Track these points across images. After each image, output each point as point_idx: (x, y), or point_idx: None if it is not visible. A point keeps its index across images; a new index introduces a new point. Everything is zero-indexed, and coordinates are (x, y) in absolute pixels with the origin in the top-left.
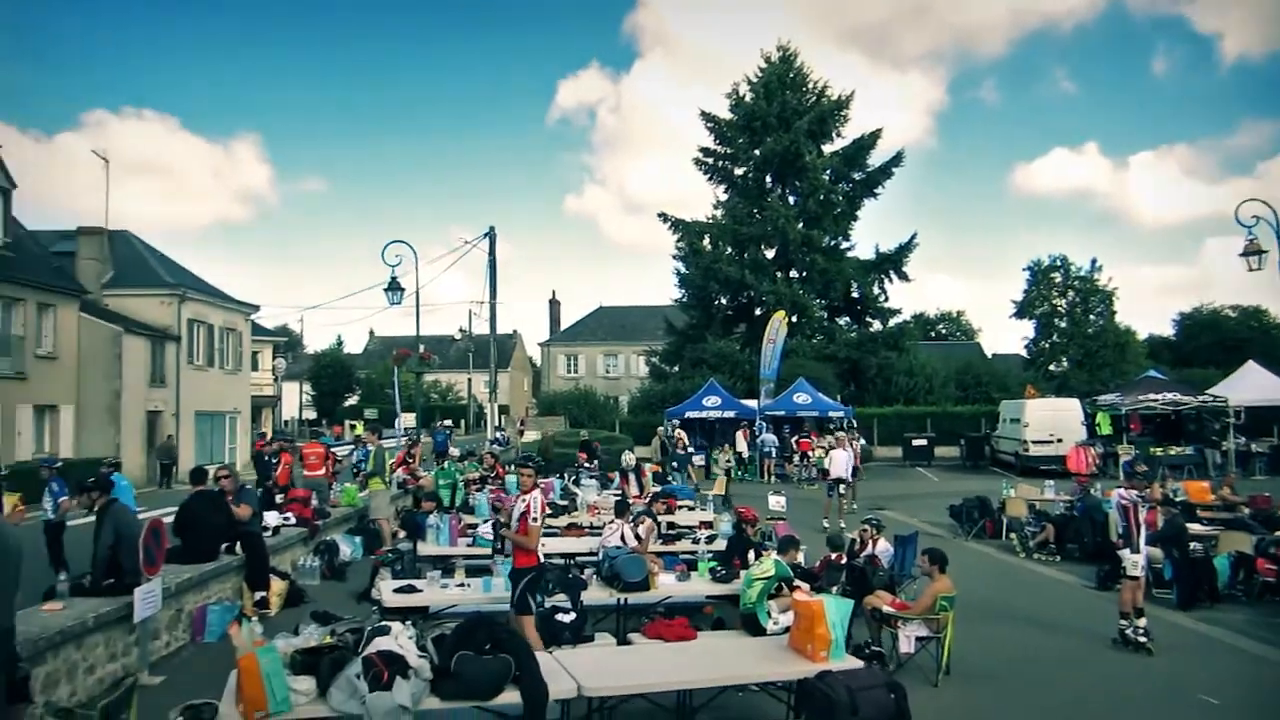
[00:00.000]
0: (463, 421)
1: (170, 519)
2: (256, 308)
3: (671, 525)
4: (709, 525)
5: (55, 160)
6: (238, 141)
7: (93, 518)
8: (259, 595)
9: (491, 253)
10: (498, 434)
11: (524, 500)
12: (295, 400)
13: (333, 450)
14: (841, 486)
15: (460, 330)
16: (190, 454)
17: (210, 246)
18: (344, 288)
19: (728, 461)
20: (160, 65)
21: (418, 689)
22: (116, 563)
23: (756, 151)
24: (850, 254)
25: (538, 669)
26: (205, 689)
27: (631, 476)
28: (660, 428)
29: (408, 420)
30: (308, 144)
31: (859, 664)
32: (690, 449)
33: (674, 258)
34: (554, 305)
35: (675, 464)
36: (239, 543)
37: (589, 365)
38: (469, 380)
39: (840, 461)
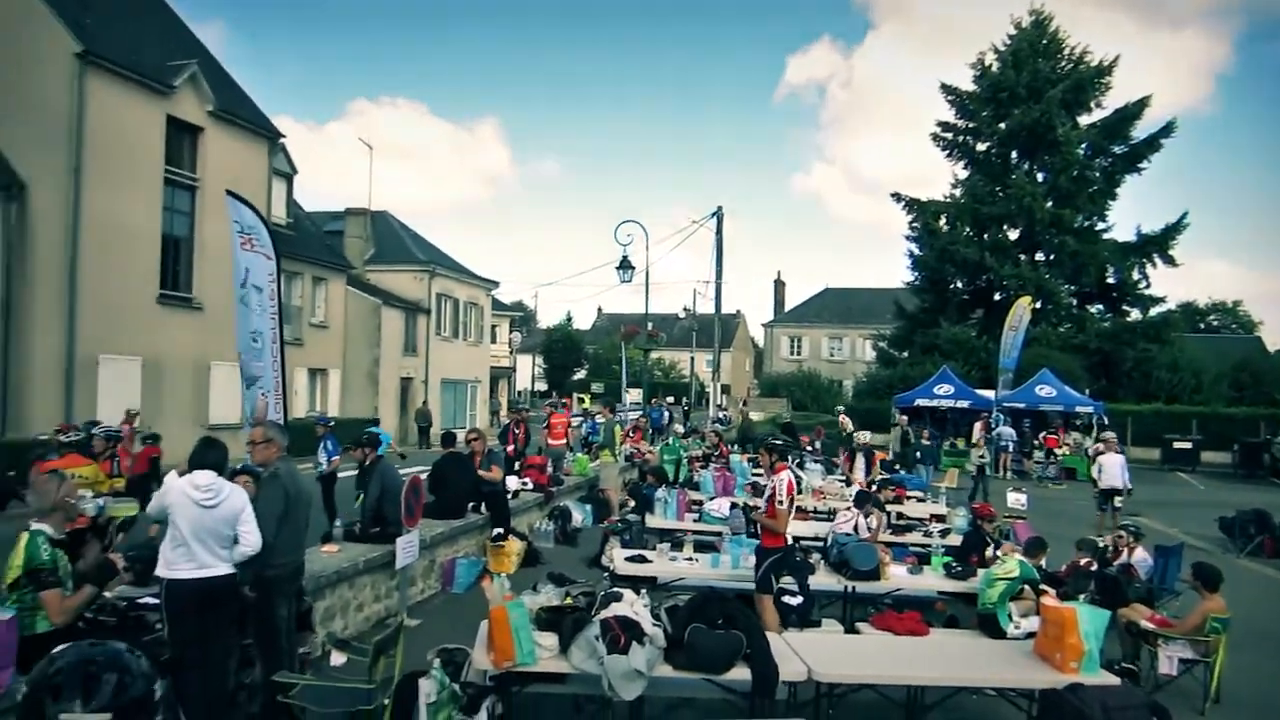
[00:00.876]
0: (684, 399)
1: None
2: (497, 284)
3: (900, 516)
4: (941, 519)
5: (326, 147)
6: (479, 125)
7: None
8: (497, 531)
9: (718, 232)
10: (720, 413)
11: (771, 482)
12: (528, 372)
13: (569, 421)
14: (1117, 499)
15: (685, 309)
16: (436, 419)
17: (454, 224)
18: (574, 266)
19: (981, 457)
20: (412, 56)
21: (652, 656)
22: (381, 514)
23: (1002, 125)
24: (1106, 235)
25: (769, 648)
26: (454, 635)
27: (860, 458)
28: (903, 416)
29: (634, 396)
30: (543, 127)
31: (1114, 680)
32: (930, 440)
33: (907, 238)
34: (779, 286)
35: (919, 455)
36: (484, 502)
37: (813, 347)
38: (691, 359)
39: (1113, 468)
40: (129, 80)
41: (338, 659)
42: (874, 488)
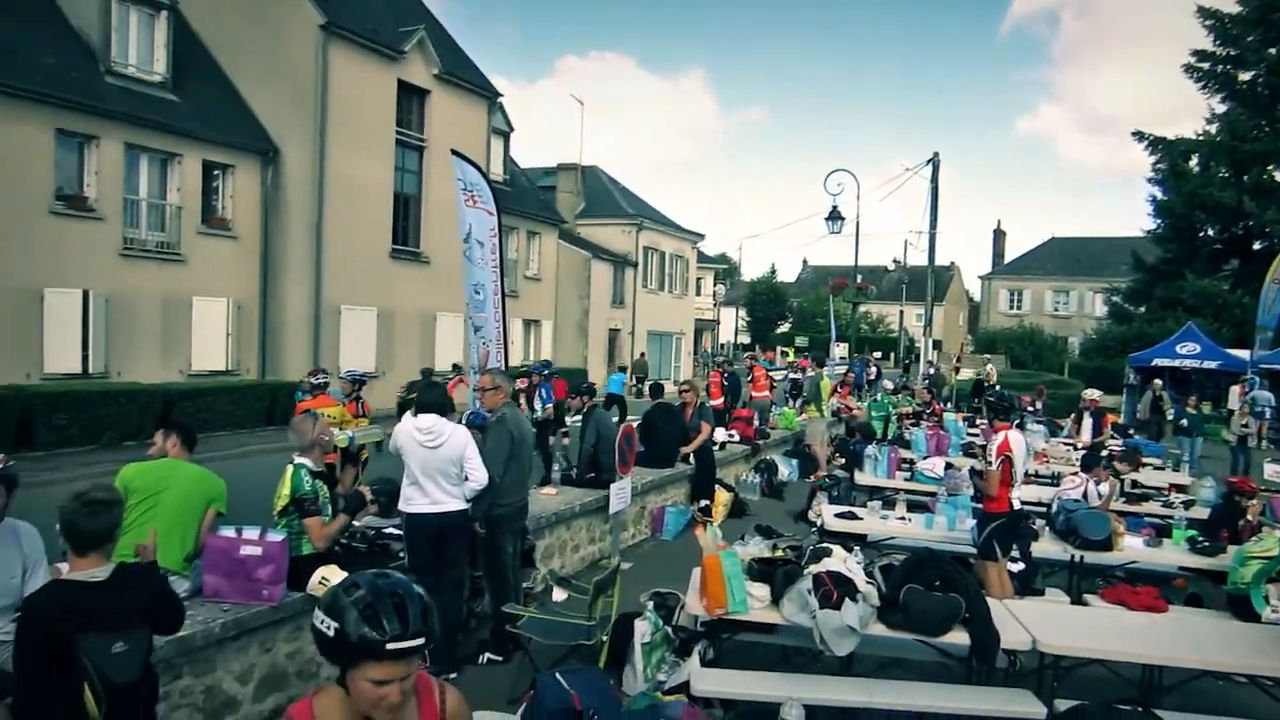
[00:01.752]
0: (892, 355)
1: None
2: (702, 236)
3: (1135, 484)
4: (1182, 489)
5: (537, 104)
6: (686, 76)
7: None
8: (703, 503)
9: (934, 180)
10: (930, 369)
11: (994, 441)
12: (731, 325)
13: (770, 374)
14: None
15: (895, 261)
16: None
17: (661, 178)
18: (780, 218)
19: (1244, 425)
20: (619, 11)
21: (865, 613)
22: (596, 460)
23: (1271, 50)
24: None
25: (989, 614)
26: (663, 580)
27: (1088, 419)
28: (1156, 380)
29: (840, 350)
30: (751, 75)
31: None
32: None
33: (1149, 182)
34: (998, 235)
35: (1185, 424)
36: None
37: (1035, 301)
38: (900, 313)
39: None
40: (365, 48)
41: (559, 595)
42: (1104, 452)
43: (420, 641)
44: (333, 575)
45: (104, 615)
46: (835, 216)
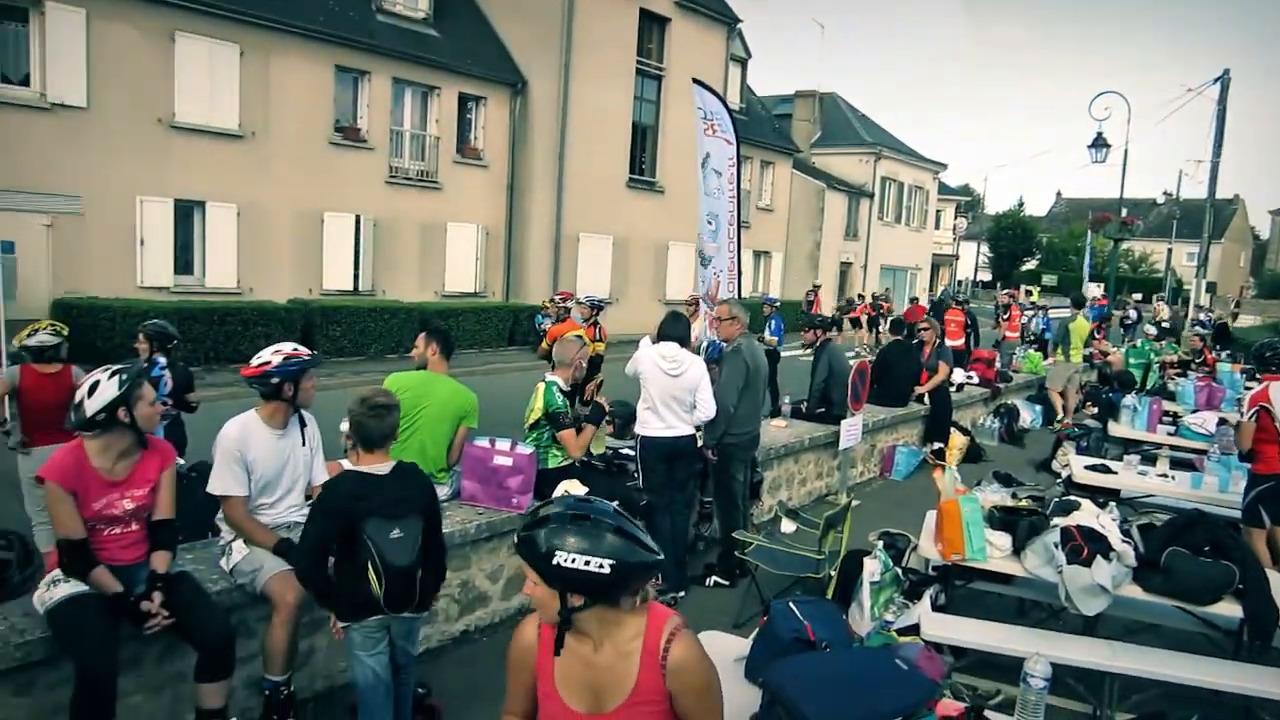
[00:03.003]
0: (1153, 297)
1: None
2: (944, 166)
3: None
4: None
5: (776, 28)
6: None
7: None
8: (937, 446)
9: (1221, 101)
10: (1203, 315)
11: (1251, 392)
12: (971, 260)
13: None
14: None
15: (1165, 193)
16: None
17: (902, 104)
18: (1030, 147)
19: None
20: None
21: (1119, 574)
22: (828, 395)
23: None
24: None
25: (1268, 587)
26: (891, 520)
27: None
28: None
29: (1093, 290)
30: None
31: None
32: None
33: None
34: None
35: None
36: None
37: None
38: (1168, 251)
39: None
40: None
41: (788, 526)
42: None
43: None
44: (573, 489)
45: (385, 505)
46: (1100, 144)
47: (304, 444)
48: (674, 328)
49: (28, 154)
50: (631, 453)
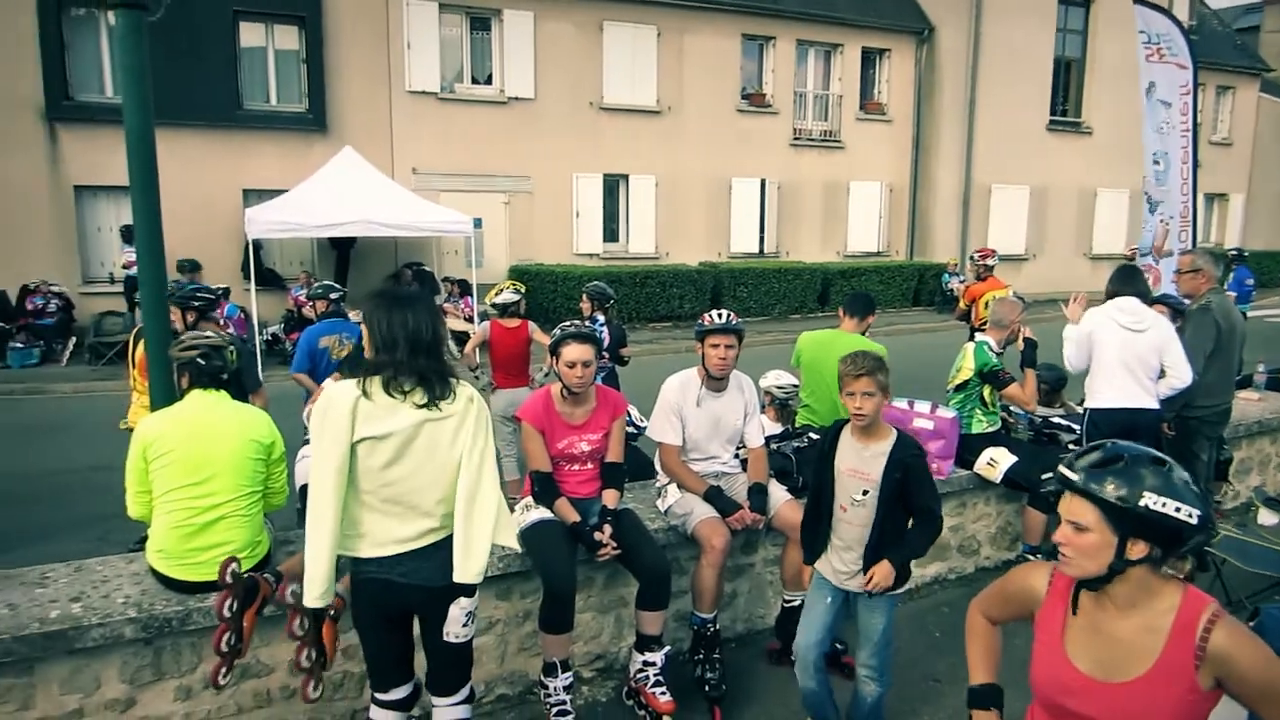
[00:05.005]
0: None
1: None
2: None
3: None
4: None
5: None
6: None
7: None
8: None
9: None
10: None
11: None
12: None
13: None
14: None
15: None
16: None
17: None
18: None
19: None
20: None
21: None
22: None
23: None
24: None
25: None
26: None
27: None
28: None
29: None
30: None
31: None
32: None
33: None
34: None
35: None
36: None
37: None
38: None
39: None
40: None
41: (1267, 518)
42: None
43: None
44: (1001, 457)
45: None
46: None
47: (741, 408)
48: (1132, 282)
49: (491, 143)
50: (1062, 421)
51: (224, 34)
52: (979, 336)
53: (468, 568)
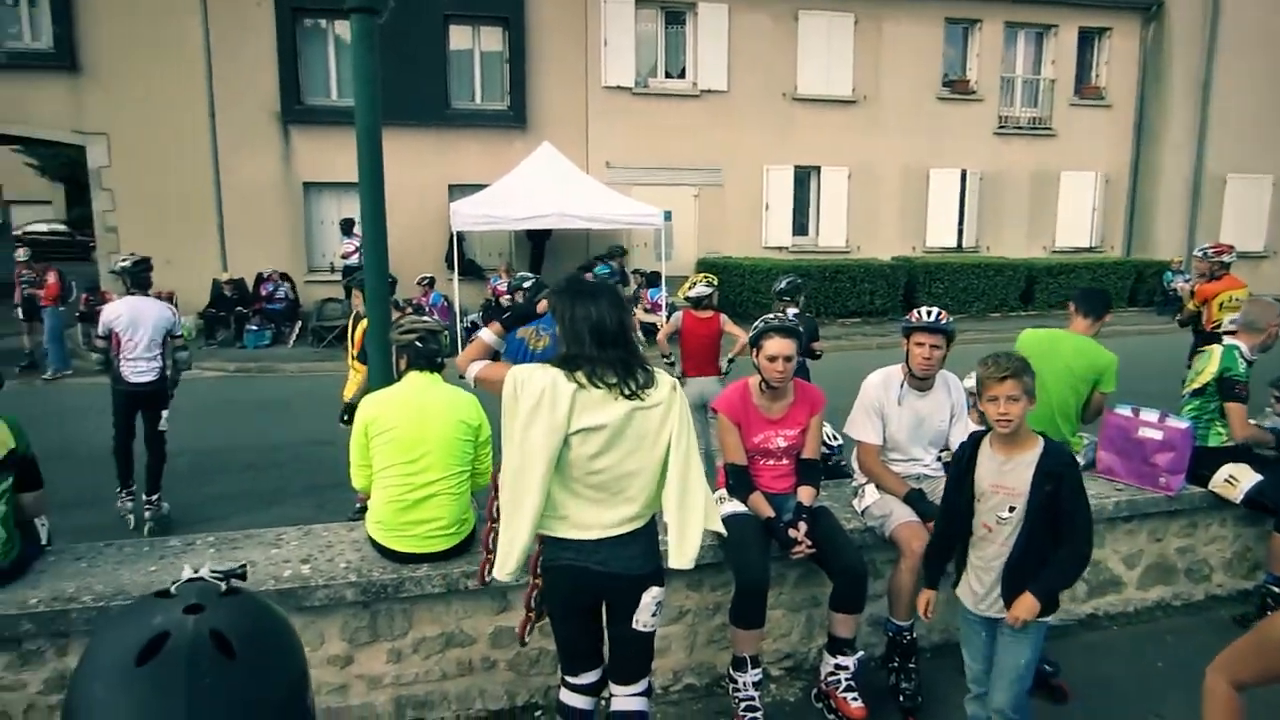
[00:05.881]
0: None
1: None
2: None
3: None
4: None
5: None
6: None
7: None
8: None
9: None
10: None
11: None
12: None
13: None
14: None
15: None
16: None
17: None
18: None
19: None
20: None
21: None
22: None
23: None
24: None
25: None
26: None
27: None
28: None
29: None
30: None
31: None
32: None
33: None
34: None
35: None
36: None
37: None
38: None
39: None
40: None
41: None
42: None
43: None
44: (1242, 475)
45: None
46: None
47: (947, 409)
48: None
49: (683, 137)
50: None
51: (435, 38)
52: (1227, 340)
53: (683, 552)
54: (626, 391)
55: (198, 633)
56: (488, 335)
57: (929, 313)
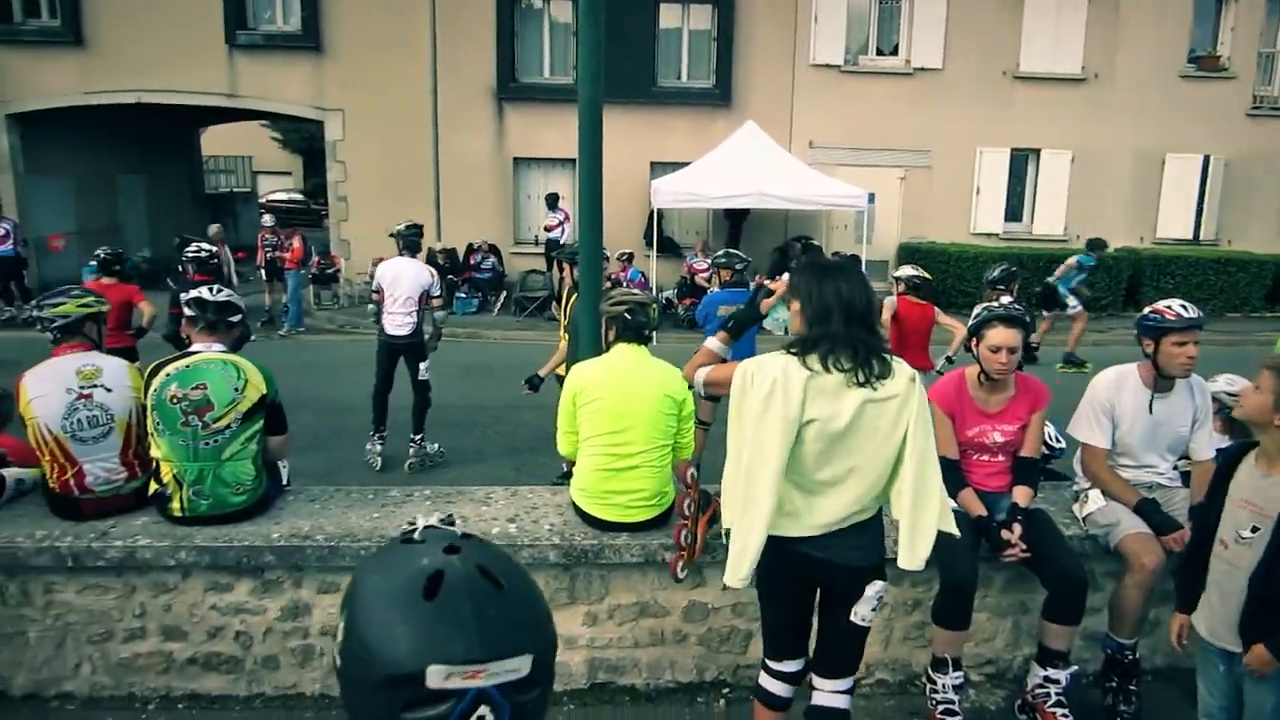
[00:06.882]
0: None
1: None
2: None
3: None
4: None
5: None
6: None
7: None
8: None
9: None
10: None
11: None
12: None
13: None
14: None
15: None
16: None
17: None
18: None
19: None
20: None
21: None
22: None
23: None
24: None
25: None
26: None
27: None
28: None
29: None
30: None
31: None
32: None
33: None
34: None
35: None
36: None
37: None
38: None
39: None
40: None
41: None
42: None
43: None
44: None
45: None
46: None
47: (1189, 414)
48: None
49: (891, 116)
50: None
51: (646, 17)
52: None
53: (914, 554)
54: (861, 378)
55: (467, 569)
56: (714, 344)
57: (1186, 308)
